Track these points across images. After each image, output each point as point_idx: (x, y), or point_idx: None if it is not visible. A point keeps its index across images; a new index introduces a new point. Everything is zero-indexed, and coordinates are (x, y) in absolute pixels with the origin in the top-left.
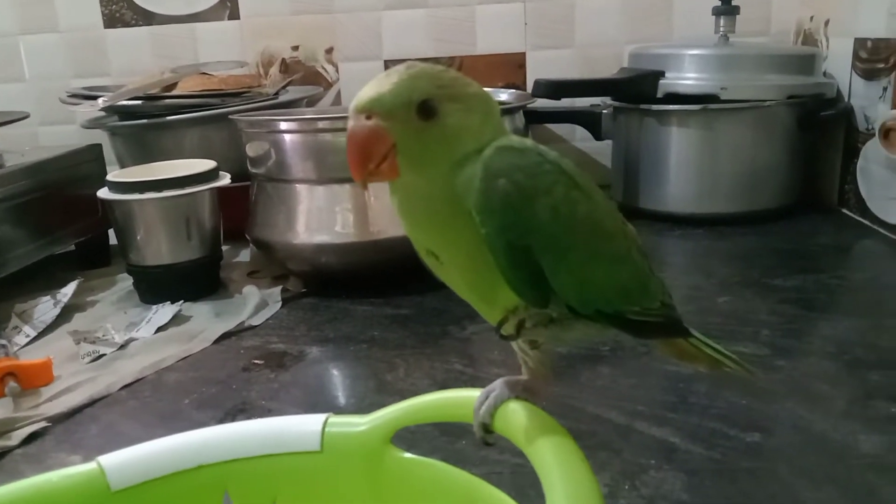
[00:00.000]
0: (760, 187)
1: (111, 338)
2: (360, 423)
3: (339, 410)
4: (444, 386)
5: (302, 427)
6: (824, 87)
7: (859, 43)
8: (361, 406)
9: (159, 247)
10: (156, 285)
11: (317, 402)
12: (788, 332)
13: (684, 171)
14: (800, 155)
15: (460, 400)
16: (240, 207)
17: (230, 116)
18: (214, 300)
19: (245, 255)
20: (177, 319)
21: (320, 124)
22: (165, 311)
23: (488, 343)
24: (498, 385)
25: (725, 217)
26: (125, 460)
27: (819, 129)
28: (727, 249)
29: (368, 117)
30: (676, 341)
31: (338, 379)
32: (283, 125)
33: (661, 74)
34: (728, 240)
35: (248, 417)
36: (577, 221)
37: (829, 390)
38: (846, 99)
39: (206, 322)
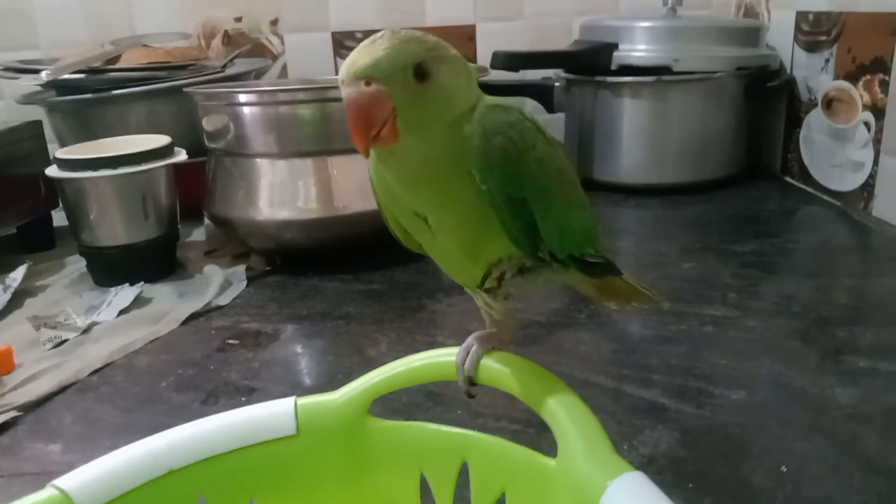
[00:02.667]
0: (710, 157)
1: (73, 322)
2: (333, 398)
3: (326, 387)
4: None
5: (273, 413)
6: (769, 58)
7: (801, 16)
8: (350, 380)
9: (114, 226)
10: (111, 267)
11: (301, 379)
12: (754, 295)
13: (637, 142)
14: (745, 125)
15: (436, 360)
16: (192, 184)
17: (185, 89)
18: (174, 281)
19: (200, 234)
20: (138, 301)
21: (282, 96)
22: (126, 294)
23: (466, 314)
24: (474, 340)
25: (678, 186)
26: (89, 480)
27: (763, 100)
28: (683, 217)
29: (367, 83)
30: (614, 280)
31: (319, 355)
32: (244, 97)
33: (615, 46)
34: (682, 208)
35: (232, 398)
36: (555, 172)
37: (802, 347)
38: (789, 70)
39: (169, 303)
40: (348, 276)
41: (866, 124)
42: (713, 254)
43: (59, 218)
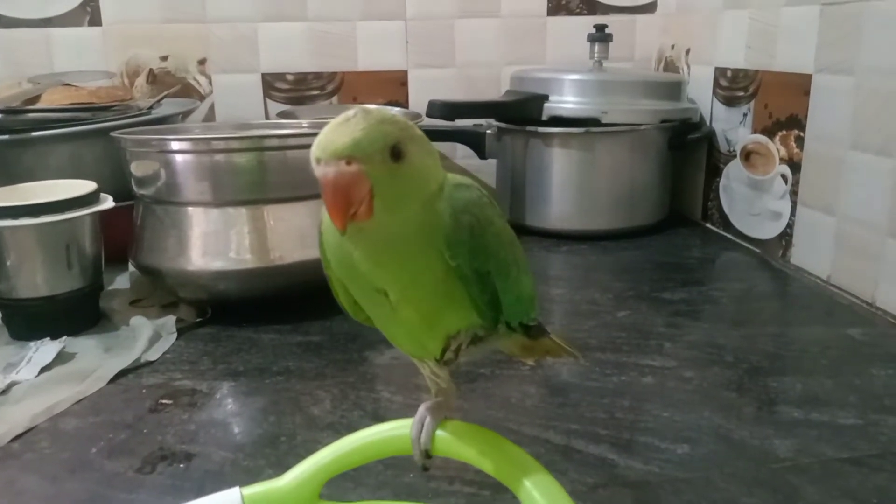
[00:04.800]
0: (636, 204)
1: None
2: (281, 484)
3: (269, 451)
4: (376, 416)
5: None
6: (690, 111)
7: (719, 71)
8: (294, 443)
9: (34, 277)
10: (31, 319)
11: (241, 442)
12: (688, 344)
13: (567, 190)
14: (669, 174)
15: (389, 435)
16: (115, 229)
17: (112, 134)
18: (98, 333)
19: (123, 282)
20: (61, 357)
21: (217, 144)
22: (48, 349)
23: (410, 367)
24: (425, 412)
25: (607, 233)
26: None
27: (685, 151)
28: (613, 264)
29: (348, 163)
30: (543, 340)
31: (260, 415)
32: (176, 145)
33: (546, 98)
34: (612, 254)
35: (170, 464)
36: (509, 244)
37: (738, 398)
38: (708, 122)
39: (95, 359)
40: (285, 326)
41: (783, 177)
42: (645, 302)
43: None
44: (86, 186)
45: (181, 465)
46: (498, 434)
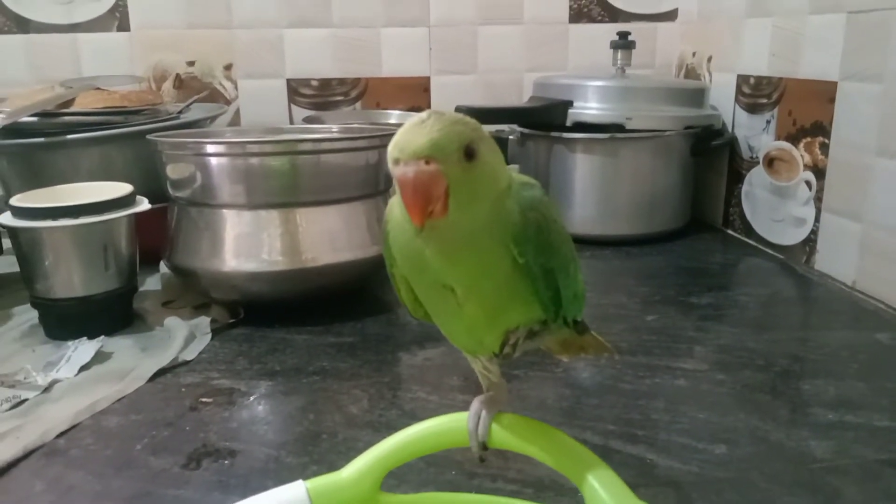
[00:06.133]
0: (658, 210)
1: (33, 380)
2: (344, 476)
3: (312, 448)
4: (413, 416)
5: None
6: (713, 118)
7: (742, 79)
8: (336, 441)
9: (71, 277)
10: (67, 319)
11: (284, 440)
12: (718, 348)
13: (590, 195)
14: (690, 180)
15: (447, 427)
16: (147, 231)
17: (149, 137)
18: (133, 334)
19: (155, 283)
20: (99, 357)
21: (251, 147)
22: (86, 348)
23: (444, 368)
24: (480, 405)
25: (629, 238)
26: None
27: (707, 157)
28: (637, 269)
29: (427, 162)
30: (585, 336)
31: (299, 414)
32: (212, 148)
33: (570, 104)
34: (635, 259)
35: (215, 461)
36: (568, 242)
37: (772, 401)
38: (730, 129)
39: (132, 359)
40: (317, 328)
41: (807, 183)
42: (673, 306)
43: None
44: (122, 188)
45: (226, 462)
46: (553, 427)
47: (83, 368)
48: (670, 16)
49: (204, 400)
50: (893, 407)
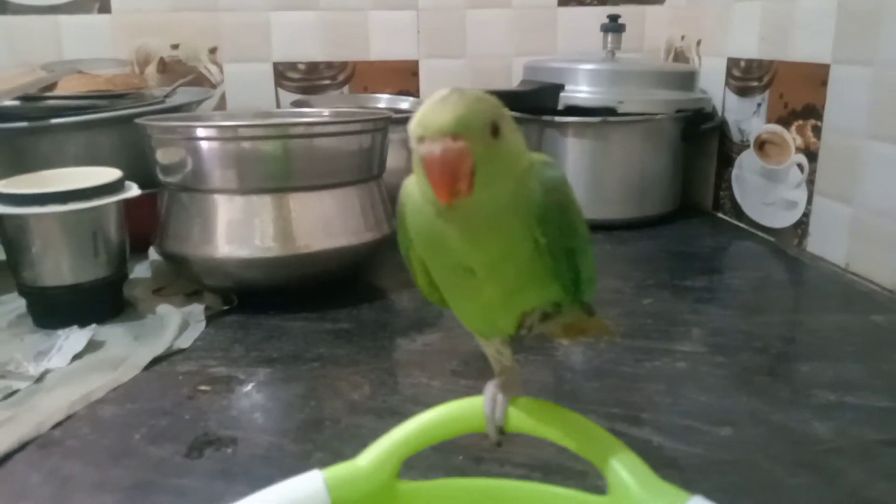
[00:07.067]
0: (649, 194)
1: (25, 370)
2: (361, 465)
3: (316, 435)
4: (417, 401)
5: (305, 495)
6: (703, 101)
7: (732, 62)
8: (339, 428)
9: (59, 265)
10: (56, 308)
11: (286, 427)
12: (715, 331)
13: (581, 179)
14: (681, 164)
15: (462, 412)
16: (135, 217)
17: (137, 121)
18: (125, 322)
19: (144, 270)
20: (91, 345)
21: (242, 132)
22: (78, 337)
23: (444, 354)
24: (495, 389)
25: (620, 223)
26: None
27: (697, 140)
28: (629, 253)
29: (453, 139)
30: (591, 318)
31: (300, 401)
32: (203, 132)
33: (562, 87)
34: (627, 244)
35: (217, 449)
36: (585, 224)
37: (771, 383)
38: (720, 113)
39: (125, 347)
40: (312, 314)
41: (799, 166)
42: (667, 290)
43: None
44: (111, 174)
45: (228, 450)
46: (569, 410)
47: (76, 357)
48: None
49: (202, 388)
50: (891, 387)
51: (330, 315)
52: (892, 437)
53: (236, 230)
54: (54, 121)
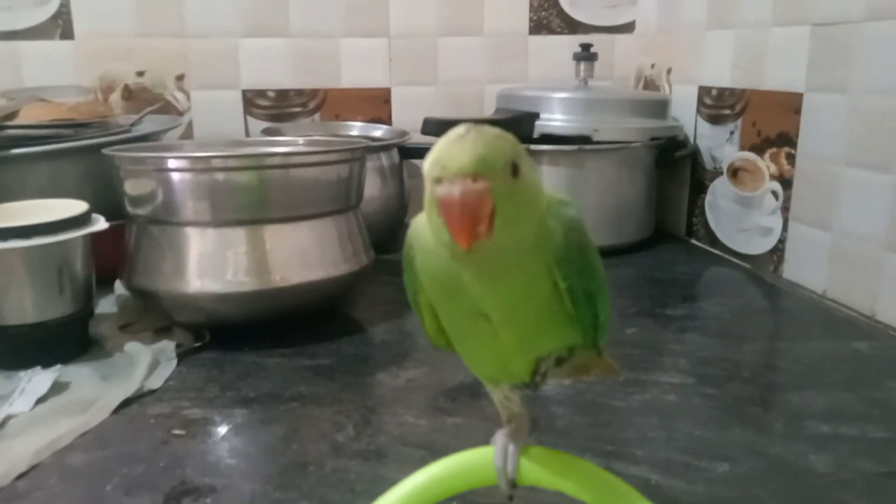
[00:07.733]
0: (624, 222)
1: None
2: None
3: (301, 482)
4: (405, 442)
5: None
6: (676, 129)
7: (703, 90)
8: (325, 472)
9: (22, 302)
10: (19, 347)
11: (269, 474)
12: (702, 361)
13: None
14: (654, 192)
15: (471, 465)
16: (100, 250)
17: (105, 151)
18: (91, 361)
19: (108, 306)
20: (56, 387)
21: (215, 162)
22: (41, 379)
23: (429, 389)
24: (506, 439)
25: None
26: None
27: (671, 168)
28: (609, 280)
29: (474, 180)
30: (603, 357)
31: (281, 444)
32: (174, 163)
33: (537, 116)
34: (606, 271)
35: (195, 499)
36: (601, 264)
37: (764, 414)
38: (692, 140)
39: (93, 389)
40: (289, 350)
41: (774, 193)
42: (650, 318)
43: None
44: (77, 207)
45: (208, 500)
46: (583, 459)
47: (40, 401)
48: (628, 28)
49: (176, 432)
50: (885, 417)
51: (308, 350)
52: (893, 470)
53: (209, 264)
54: (16, 151)
